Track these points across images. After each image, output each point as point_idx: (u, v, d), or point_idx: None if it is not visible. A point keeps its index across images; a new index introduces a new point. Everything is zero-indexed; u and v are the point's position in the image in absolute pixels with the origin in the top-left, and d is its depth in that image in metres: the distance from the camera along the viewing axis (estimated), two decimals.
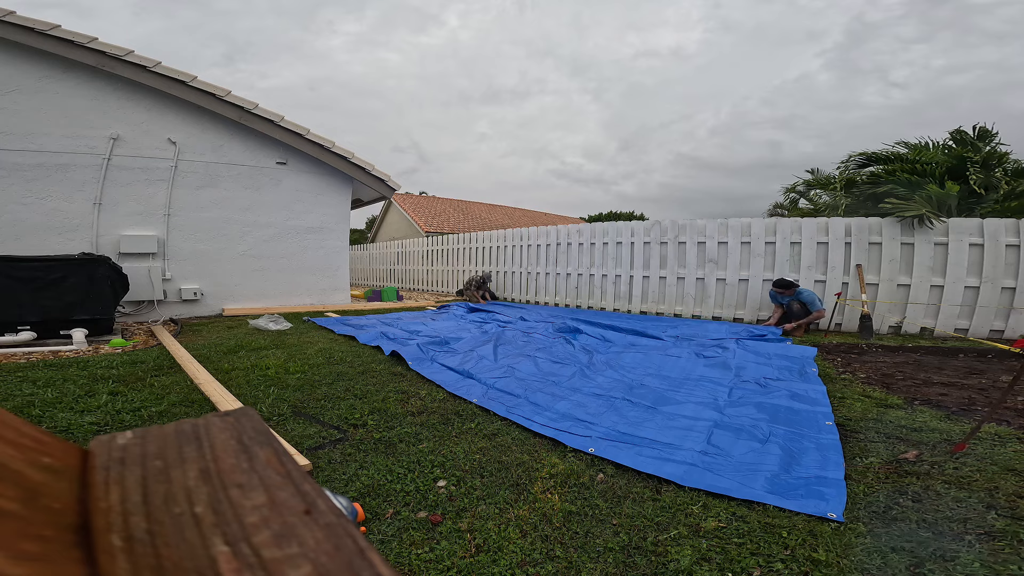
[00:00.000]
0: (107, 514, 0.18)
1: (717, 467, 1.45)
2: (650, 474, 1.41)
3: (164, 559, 0.16)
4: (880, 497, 1.25)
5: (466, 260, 8.73)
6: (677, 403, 2.14)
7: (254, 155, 5.84)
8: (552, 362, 2.96)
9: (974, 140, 6.76)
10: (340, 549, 0.16)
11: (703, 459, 1.51)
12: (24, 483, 0.17)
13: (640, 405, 2.11)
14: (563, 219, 23.71)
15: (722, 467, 1.46)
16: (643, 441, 1.67)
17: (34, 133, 4.53)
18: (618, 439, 1.68)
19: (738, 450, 1.59)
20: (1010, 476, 1.36)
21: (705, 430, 1.77)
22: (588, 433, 1.74)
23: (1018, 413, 1.95)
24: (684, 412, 2.00)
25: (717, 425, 1.83)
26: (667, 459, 1.51)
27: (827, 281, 4.82)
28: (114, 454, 0.21)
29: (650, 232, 5.98)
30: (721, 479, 1.37)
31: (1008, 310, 4.12)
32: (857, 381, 2.53)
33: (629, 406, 2.10)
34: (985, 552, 1.00)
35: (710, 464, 1.47)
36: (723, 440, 1.68)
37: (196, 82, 5.14)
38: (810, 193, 9.27)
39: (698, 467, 1.45)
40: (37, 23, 4.26)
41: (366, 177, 6.54)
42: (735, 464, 1.48)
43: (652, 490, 1.32)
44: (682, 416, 1.95)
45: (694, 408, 2.05)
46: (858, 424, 1.81)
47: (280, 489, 0.19)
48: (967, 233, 4.28)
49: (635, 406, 2.09)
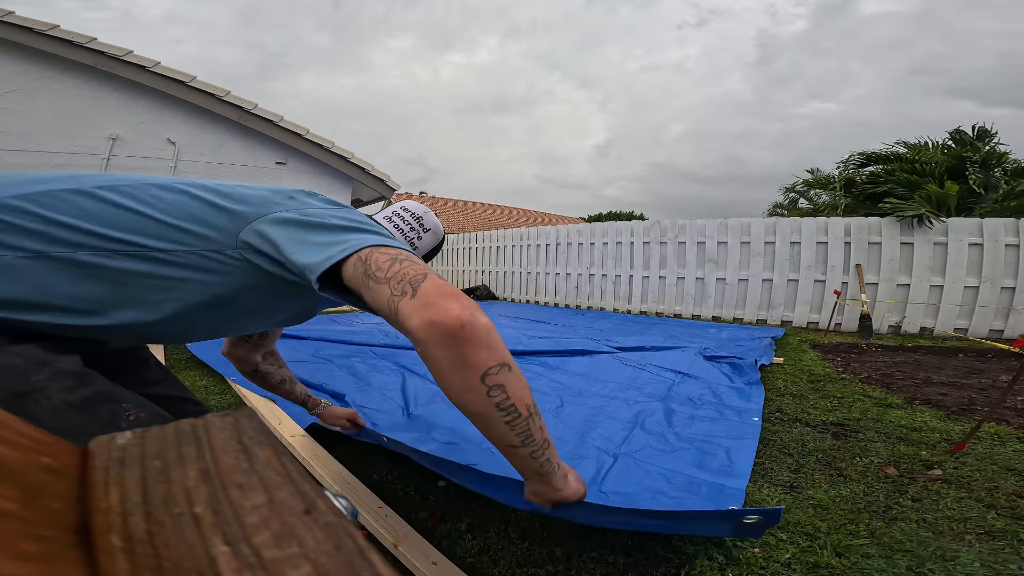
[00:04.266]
0: (107, 514, 0.18)
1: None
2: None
3: (164, 559, 0.16)
4: (880, 496, 1.25)
5: (466, 260, 8.72)
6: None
7: (254, 155, 5.84)
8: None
9: (973, 140, 6.77)
10: (340, 549, 0.16)
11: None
12: (24, 483, 0.17)
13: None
14: (563, 219, 23.72)
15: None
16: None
17: (32, 133, 4.53)
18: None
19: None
20: (1010, 476, 1.36)
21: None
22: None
23: (1018, 413, 1.95)
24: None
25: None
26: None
27: (827, 281, 4.83)
28: (113, 454, 0.21)
29: (650, 232, 5.98)
30: None
31: (1008, 310, 4.12)
32: (857, 381, 2.53)
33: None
34: (985, 552, 1.00)
35: None
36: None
37: (195, 82, 5.14)
38: (809, 193, 9.28)
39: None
40: (36, 23, 4.26)
41: (366, 177, 6.54)
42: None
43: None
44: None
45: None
46: (858, 424, 1.82)
47: (280, 489, 0.19)
48: (967, 233, 4.28)
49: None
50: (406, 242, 0.96)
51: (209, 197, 0.69)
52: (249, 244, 0.68)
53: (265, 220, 0.68)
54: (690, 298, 5.66)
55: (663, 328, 4.45)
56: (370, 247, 0.63)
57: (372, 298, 0.59)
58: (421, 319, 0.54)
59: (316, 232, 0.66)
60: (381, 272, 0.59)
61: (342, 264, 0.62)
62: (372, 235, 0.67)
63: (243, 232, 0.68)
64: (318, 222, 0.68)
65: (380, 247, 0.63)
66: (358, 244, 0.63)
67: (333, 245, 0.63)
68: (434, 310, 0.54)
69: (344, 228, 0.67)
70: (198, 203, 0.69)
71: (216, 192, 0.71)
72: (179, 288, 0.66)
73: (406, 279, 0.57)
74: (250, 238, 0.68)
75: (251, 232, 0.68)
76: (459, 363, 0.54)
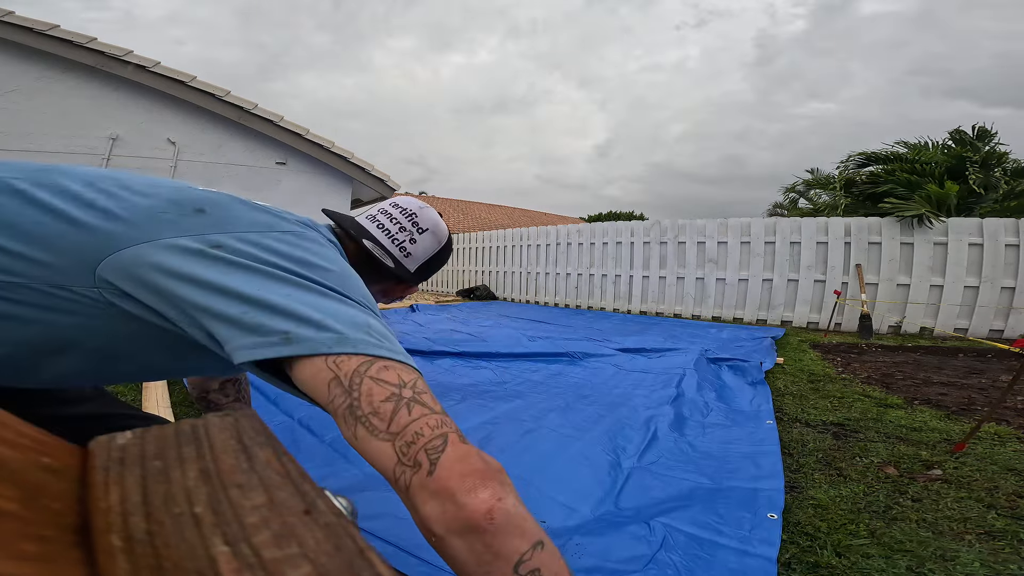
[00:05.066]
0: (107, 514, 0.18)
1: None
2: None
3: (164, 559, 0.16)
4: (880, 496, 1.25)
5: (466, 260, 8.73)
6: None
7: (253, 155, 5.85)
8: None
9: (973, 140, 6.77)
10: (340, 549, 0.16)
11: None
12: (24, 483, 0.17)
13: None
14: (563, 219, 23.72)
15: None
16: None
17: (32, 133, 4.53)
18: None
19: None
20: (1010, 476, 1.36)
21: None
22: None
23: (1018, 413, 1.95)
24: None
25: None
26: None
27: (827, 281, 4.83)
28: (113, 454, 0.21)
29: (650, 232, 5.98)
30: None
31: (1008, 310, 4.12)
32: (857, 381, 2.53)
33: None
34: (985, 552, 1.00)
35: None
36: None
37: (195, 82, 5.15)
38: (809, 193, 9.29)
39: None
40: (36, 23, 4.27)
41: (366, 177, 6.54)
42: None
43: None
44: None
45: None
46: (858, 424, 1.82)
47: (280, 489, 0.19)
48: (966, 233, 4.28)
49: None
50: (395, 247, 0.75)
51: (57, 203, 0.48)
52: (112, 285, 0.47)
53: (150, 247, 0.47)
54: (690, 298, 5.66)
55: (663, 328, 4.45)
56: (360, 356, 0.44)
57: (362, 449, 0.43)
58: (442, 512, 0.40)
59: (246, 278, 0.46)
60: (378, 418, 0.42)
61: (293, 362, 0.44)
62: (363, 316, 0.47)
63: (101, 266, 0.46)
64: (248, 264, 0.47)
65: (375, 359, 0.45)
66: (335, 339, 0.44)
67: (283, 317, 0.44)
68: (457, 502, 0.40)
69: (311, 288, 0.47)
70: (33, 210, 0.47)
71: (84, 193, 0.49)
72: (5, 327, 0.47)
73: (419, 443, 0.41)
74: (112, 277, 0.46)
75: (115, 268, 0.46)
76: (488, 557, 0.41)
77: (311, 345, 0.43)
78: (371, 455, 0.43)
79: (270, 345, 0.43)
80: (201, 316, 0.44)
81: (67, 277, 0.46)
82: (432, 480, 0.41)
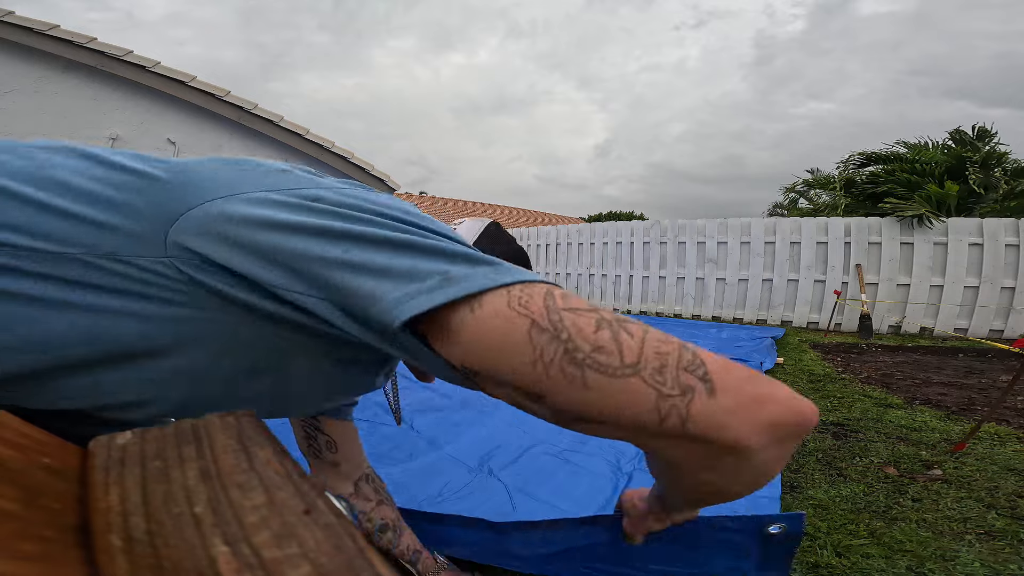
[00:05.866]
0: (106, 514, 0.18)
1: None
2: None
3: (164, 559, 0.16)
4: (880, 496, 1.25)
5: None
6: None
7: (253, 155, 5.83)
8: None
9: (973, 140, 6.77)
10: (340, 549, 0.16)
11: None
12: (24, 483, 0.17)
13: None
14: (563, 219, 23.73)
15: None
16: None
17: (33, 133, 4.53)
18: None
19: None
20: (1010, 476, 1.36)
21: None
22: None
23: (1018, 413, 1.95)
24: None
25: None
26: None
27: (827, 281, 4.83)
28: (113, 454, 0.21)
29: (650, 232, 5.98)
30: None
31: (1008, 310, 4.13)
32: (857, 381, 2.53)
33: None
34: (985, 552, 1.00)
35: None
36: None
37: (195, 82, 5.15)
38: (809, 193, 9.29)
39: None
40: (36, 23, 4.27)
41: (366, 177, 6.54)
42: None
43: None
44: None
45: None
46: (858, 424, 1.82)
47: (280, 489, 0.19)
48: (966, 233, 4.28)
49: None
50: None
51: (116, 158, 0.39)
52: (189, 250, 0.36)
53: (235, 200, 0.37)
54: (690, 298, 5.66)
55: (663, 328, 4.42)
56: (535, 284, 0.34)
57: (595, 403, 0.31)
58: (757, 422, 0.31)
59: (366, 226, 0.36)
60: (605, 353, 0.31)
61: (451, 315, 0.32)
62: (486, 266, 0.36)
63: (174, 228, 0.36)
64: (358, 215, 0.37)
65: (542, 284, 0.35)
66: (493, 270, 0.34)
67: (430, 256, 0.34)
68: (782, 405, 0.32)
69: (430, 231, 0.37)
70: (88, 163, 0.38)
71: (137, 157, 0.41)
72: (48, 321, 0.35)
73: (671, 364, 0.32)
74: (189, 239, 0.36)
75: (193, 227, 0.36)
76: (785, 455, 0.34)
77: (475, 281, 0.32)
78: (614, 403, 0.31)
79: (430, 290, 0.31)
80: (330, 271, 0.33)
81: (135, 245, 0.36)
82: (723, 396, 0.31)
